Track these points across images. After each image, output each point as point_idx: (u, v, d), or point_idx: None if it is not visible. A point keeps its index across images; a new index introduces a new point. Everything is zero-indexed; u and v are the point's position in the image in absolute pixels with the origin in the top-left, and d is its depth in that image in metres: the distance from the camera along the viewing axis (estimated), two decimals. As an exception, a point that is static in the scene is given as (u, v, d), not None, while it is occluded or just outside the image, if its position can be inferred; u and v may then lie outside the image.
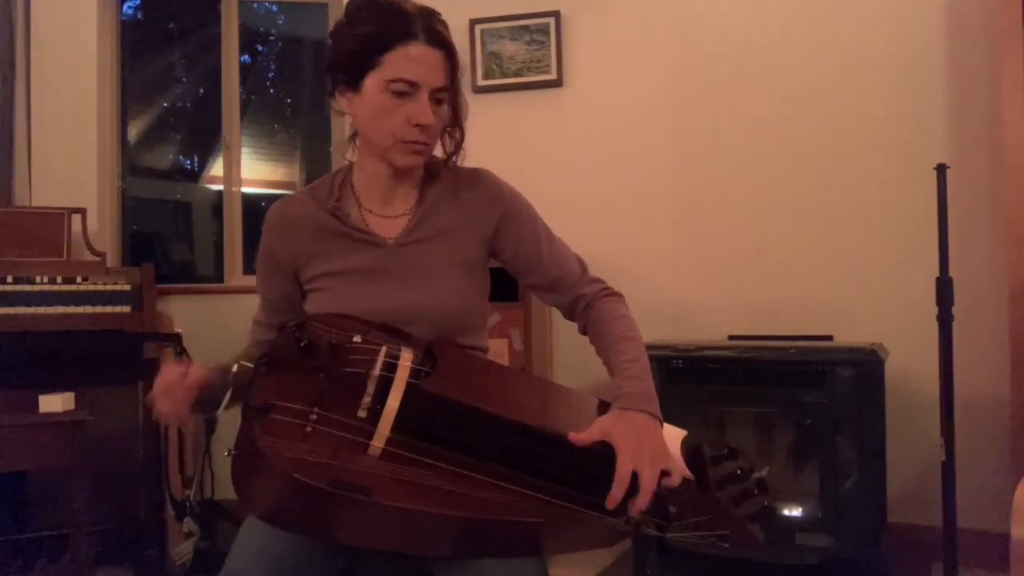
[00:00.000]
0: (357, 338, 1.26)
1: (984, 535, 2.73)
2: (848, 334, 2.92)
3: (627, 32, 3.34)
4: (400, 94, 1.34)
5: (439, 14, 1.39)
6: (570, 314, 1.52)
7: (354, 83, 1.37)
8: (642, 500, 1.13)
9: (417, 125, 1.35)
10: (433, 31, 1.35)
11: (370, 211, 1.47)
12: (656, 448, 1.19)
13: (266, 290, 1.53)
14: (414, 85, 1.34)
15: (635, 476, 1.14)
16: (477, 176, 1.50)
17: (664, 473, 1.16)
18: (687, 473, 1.20)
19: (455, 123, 1.43)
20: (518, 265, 1.50)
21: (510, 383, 1.33)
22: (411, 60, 1.33)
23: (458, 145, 1.47)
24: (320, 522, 1.13)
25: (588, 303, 1.48)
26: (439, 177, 1.48)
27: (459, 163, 1.49)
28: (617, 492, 1.14)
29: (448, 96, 1.39)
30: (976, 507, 2.75)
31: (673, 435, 1.27)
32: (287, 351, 1.22)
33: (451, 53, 1.37)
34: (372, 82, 1.35)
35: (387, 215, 1.46)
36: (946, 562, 2.31)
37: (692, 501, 1.21)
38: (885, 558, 2.62)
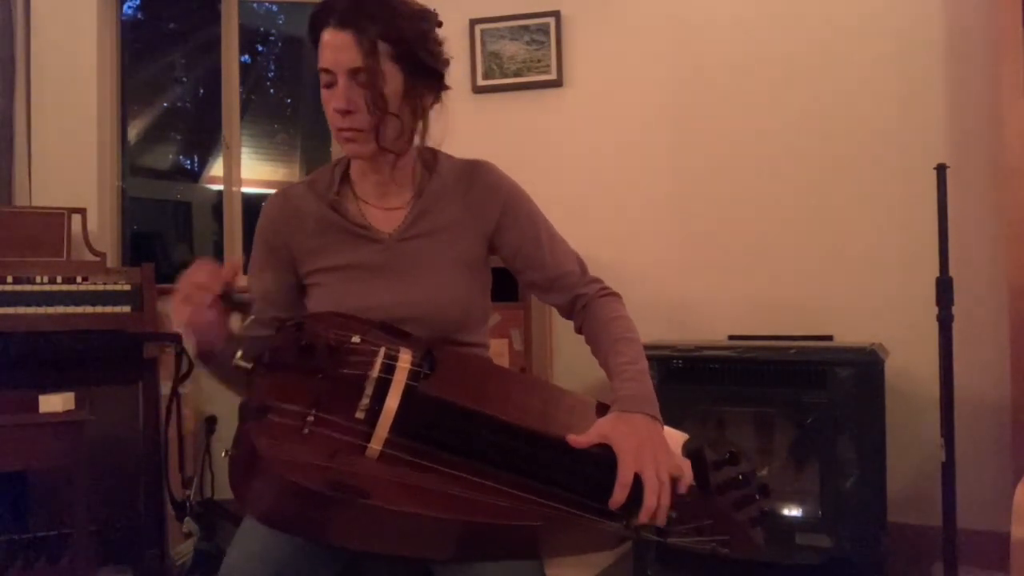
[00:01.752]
0: (356, 338, 1.25)
1: (984, 535, 2.73)
2: (848, 334, 2.92)
3: (627, 32, 3.33)
4: (328, 85, 1.34)
5: None
6: (568, 313, 1.51)
7: None
8: (652, 502, 1.13)
9: (336, 111, 1.33)
10: (343, 13, 1.31)
11: (368, 203, 1.46)
12: (658, 449, 1.18)
13: (260, 282, 1.48)
14: (329, 72, 1.32)
15: (637, 479, 1.13)
16: (478, 169, 1.48)
17: (672, 479, 1.16)
18: (690, 477, 1.20)
19: (376, 104, 1.32)
20: (517, 262, 1.49)
21: (509, 385, 1.32)
22: (324, 47, 1.33)
23: (408, 132, 1.39)
24: (317, 524, 1.13)
25: (586, 303, 1.46)
26: (437, 169, 1.47)
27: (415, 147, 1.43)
28: (620, 495, 1.13)
29: (367, 77, 1.30)
30: (976, 507, 2.75)
31: (674, 439, 1.26)
32: (285, 351, 1.21)
33: (362, 31, 1.29)
34: None
35: (385, 207, 1.45)
36: (946, 562, 2.31)
37: (693, 506, 1.20)
38: (885, 558, 2.62)
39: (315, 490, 1.04)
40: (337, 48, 1.31)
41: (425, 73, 1.37)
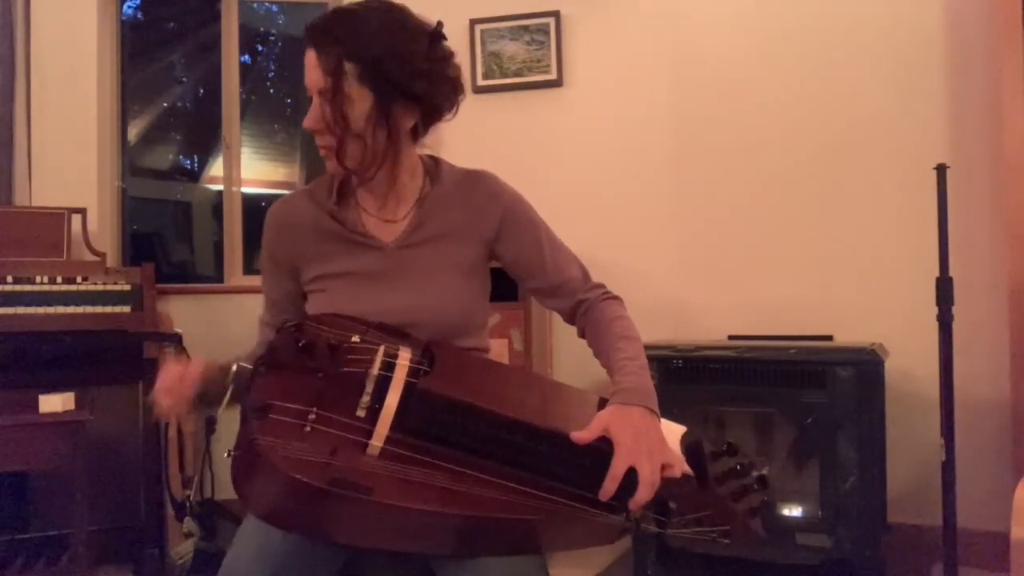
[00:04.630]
0: (355, 338, 1.26)
1: (984, 535, 2.73)
2: (848, 334, 2.92)
3: (627, 32, 3.34)
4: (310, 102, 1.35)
5: (337, 10, 1.34)
6: (570, 318, 1.52)
7: None
8: (644, 494, 1.13)
9: (305, 129, 1.36)
10: (315, 33, 1.32)
11: (368, 212, 1.46)
12: (654, 442, 1.19)
13: (269, 290, 1.53)
14: (307, 90, 1.34)
15: (632, 472, 1.14)
16: (478, 178, 1.49)
17: (664, 466, 1.16)
18: (687, 468, 1.21)
19: (336, 125, 1.31)
20: (519, 269, 1.50)
21: (509, 381, 1.33)
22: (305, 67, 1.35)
23: (373, 154, 1.35)
24: (320, 522, 1.13)
25: (588, 307, 1.48)
26: (439, 179, 1.47)
27: (374, 170, 1.38)
28: (610, 486, 1.14)
29: (329, 97, 1.30)
30: (976, 507, 2.75)
31: (673, 431, 1.27)
32: (285, 351, 1.22)
33: (326, 52, 1.30)
34: None
35: (385, 217, 1.46)
36: (946, 562, 2.31)
37: (692, 497, 1.21)
38: (885, 558, 2.62)
39: (317, 487, 1.05)
40: (308, 68, 1.33)
41: (402, 94, 1.34)
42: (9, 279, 2.83)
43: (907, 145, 2.95)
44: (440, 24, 1.39)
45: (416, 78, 1.33)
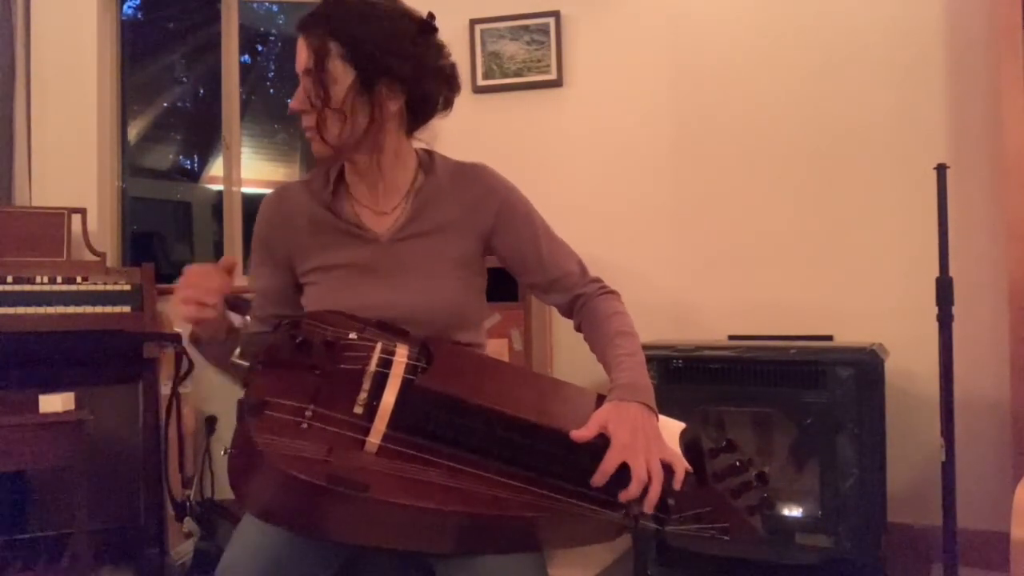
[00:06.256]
0: (353, 335, 1.26)
1: (984, 535, 2.73)
2: (848, 334, 2.92)
3: (627, 32, 3.34)
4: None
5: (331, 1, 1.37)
6: (568, 313, 1.52)
7: None
8: (633, 490, 1.13)
9: (291, 110, 1.38)
10: (301, 20, 1.35)
11: (362, 204, 1.46)
12: (651, 439, 1.19)
13: (258, 280, 1.50)
14: (297, 75, 1.37)
15: (626, 467, 1.14)
16: (474, 171, 1.49)
17: (667, 468, 1.16)
18: (686, 465, 1.20)
19: (317, 98, 1.32)
20: (516, 264, 1.50)
21: (507, 378, 1.32)
22: None
23: (353, 131, 1.35)
24: (317, 519, 1.13)
25: (585, 302, 1.47)
26: (433, 170, 1.47)
27: (350, 150, 1.40)
28: (598, 480, 1.15)
29: (313, 74, 1.32)
30: (976, 507, 2.75)
31: (672, 428, 1.27)
32: (283, 348, 1.22)
33: (312, 32, 1.33)
34: None
35: (379, 209, 1.45)
36: (946, 562, 2.31)
37: (691, 494, 1.21)
38: (885, 558, 2.62)
39: (314, 484, 1.05)
40: (298, 51, 1.35)
41: (386, 74, 1.34)
42: (9, 279, 2.82)
43: (907, 145, 2.94)
44: (431, 16, 1.39)
45: (400, 59, 1.34)
